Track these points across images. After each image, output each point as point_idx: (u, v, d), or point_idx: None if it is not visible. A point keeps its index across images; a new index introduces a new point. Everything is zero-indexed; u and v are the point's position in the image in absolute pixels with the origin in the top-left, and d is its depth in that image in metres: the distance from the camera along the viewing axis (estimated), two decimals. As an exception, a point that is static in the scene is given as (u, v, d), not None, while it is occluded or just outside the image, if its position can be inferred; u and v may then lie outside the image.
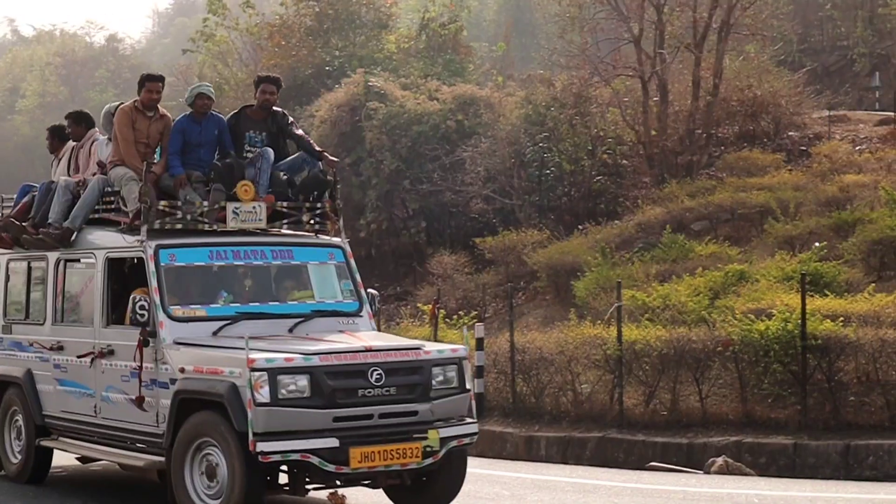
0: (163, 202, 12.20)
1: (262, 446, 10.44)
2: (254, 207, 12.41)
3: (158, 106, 13.15)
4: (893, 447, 15.72)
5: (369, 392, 10.94)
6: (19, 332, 14.25)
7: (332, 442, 10.66)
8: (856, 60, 49.14)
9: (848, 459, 15.97)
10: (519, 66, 54.16)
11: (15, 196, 14.71)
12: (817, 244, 23.59)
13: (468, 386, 11.77)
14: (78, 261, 13.28)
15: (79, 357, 12.84)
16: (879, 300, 18.62)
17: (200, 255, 12.30)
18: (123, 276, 12.78)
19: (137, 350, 11.69)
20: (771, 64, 38.57)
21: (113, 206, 12.94)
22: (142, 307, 11.59)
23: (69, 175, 13.99)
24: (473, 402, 11.90)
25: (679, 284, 21.91)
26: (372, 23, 45.38)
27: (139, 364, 11.69)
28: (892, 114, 37.67)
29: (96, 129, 14.19)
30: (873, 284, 20.47)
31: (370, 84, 37.06)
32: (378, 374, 10.98)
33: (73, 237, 13.22)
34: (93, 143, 13.96)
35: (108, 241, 12.78)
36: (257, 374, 10.51)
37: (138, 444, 12.15)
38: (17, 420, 14.15)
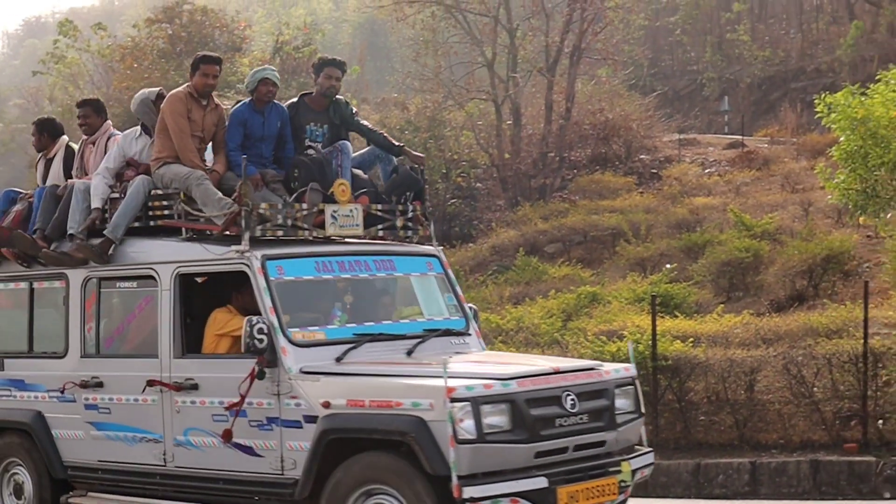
0: (263, 205, 10.20)
1: (470, 491, 8.76)
2: (351, 211, 10.63)
3: (212, 94, 11.29)
4: (742, 465, 15.91)
5: (565, 421, 9.40)
6: (18, 368, 11.74)
7: (541, 482, 9.11)
8: (705, 85, 50.03)
9: (698, 478, 16.11)
10: (374, 89, 54.25)
11: None
12: (668, 266, 23.89)
13: (643, 409, 10.40)
14: (121, 278, 11.04)
15: (145, 396, 10.54)
16: (728, 321, 18.87)
17: (307, 267, 10.35)
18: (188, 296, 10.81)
19: (248, 382, 9.68)
20: (622, 88, 39.29)
21: (167, 212, 10.76)
22: (260, 331, 9.53)
23: (69, 176, 11.89)
24: (643, 428, 10.55)
25: (532, 307, 22.02)
26: (225, 45, 45.05)
27: (241, 398, 9.75)
28: (740, 137, 38.39)
29: (109, 121, 12.22)
30: (722, 305, 20.77)
31: (224, 107, 36.74)
32: (572, 400, 9.46)
33: (111, 250, 10.91)
34: (109, 137, 11.82)
35: (175, 254, 10.55)
36: (459, 404, 8.82)
37: (243, 496, 10.12)
38: (16, 474, 11.76)
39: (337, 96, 11.46)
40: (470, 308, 11.32)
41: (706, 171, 33.92)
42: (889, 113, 18.62)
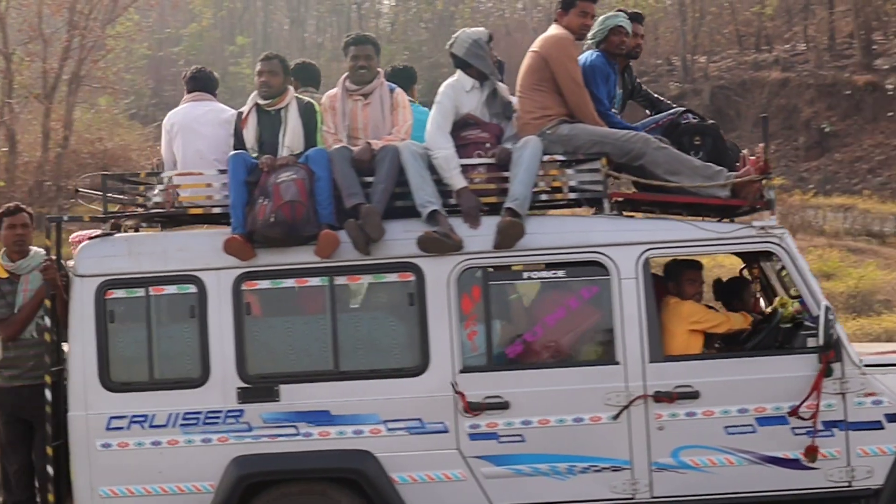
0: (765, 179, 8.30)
1: None
2: None
3: None
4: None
5: None
6: (312, 395, 8.15)
7: None
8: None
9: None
10: None
11: (228, 170, 8.23)
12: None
13: None
14: (530, 267, 8.20)
15: (597, 414, 8.06)
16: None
17: None
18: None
19: (816, 382, 7.92)
20: (123, 117, 40.31)
21: (573, 184, 8.31)
22: (836, 319, 7.86)
23: (309, 138, 8.60)
24: None
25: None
26: None
27: (814, 404, 7.98)
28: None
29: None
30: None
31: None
32: None
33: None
34: (391, 91, 8.68)
35: (641, 233, 8.18)
36: None
37: None
38: None
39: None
40: None
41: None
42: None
